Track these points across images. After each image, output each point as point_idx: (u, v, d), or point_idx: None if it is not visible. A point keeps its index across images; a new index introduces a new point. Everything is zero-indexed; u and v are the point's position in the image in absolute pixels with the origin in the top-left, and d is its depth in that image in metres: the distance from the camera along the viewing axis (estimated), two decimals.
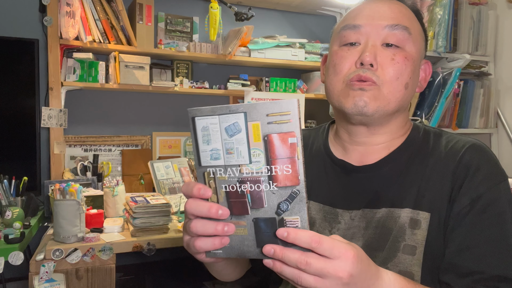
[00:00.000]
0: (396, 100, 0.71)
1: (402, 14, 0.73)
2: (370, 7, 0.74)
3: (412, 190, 0.70)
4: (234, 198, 0.53)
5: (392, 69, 0.70)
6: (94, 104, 2.07)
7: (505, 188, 0.68)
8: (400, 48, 0.71)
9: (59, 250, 1.34)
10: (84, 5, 1.84)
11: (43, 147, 1.91)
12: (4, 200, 1.55)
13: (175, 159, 2.07)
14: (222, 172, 0.53)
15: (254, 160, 0.51)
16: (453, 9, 2.27)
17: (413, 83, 0.73)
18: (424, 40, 0.77)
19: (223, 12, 2.07)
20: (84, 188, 1.65)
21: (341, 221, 0.74)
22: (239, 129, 0.50)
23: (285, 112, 0.48)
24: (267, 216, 0.52)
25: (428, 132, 0.77)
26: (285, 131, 0.48)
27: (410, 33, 0.71)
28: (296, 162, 0.49)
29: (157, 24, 2.13)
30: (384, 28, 0.71)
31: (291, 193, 0.50)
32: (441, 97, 2.20)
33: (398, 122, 0.76)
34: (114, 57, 1.91)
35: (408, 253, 0.67)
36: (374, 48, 0.70)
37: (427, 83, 0.79)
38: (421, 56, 0.76)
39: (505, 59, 2.37)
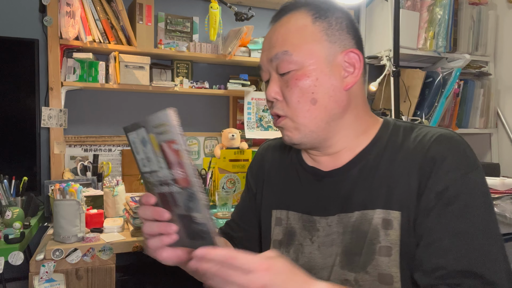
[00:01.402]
0: (312, 120, 0.71)
1: (283, 36, 0.72)
2: (264, 41, 0.76)
3: (382, 190, 0.69)
4: (163, 198, 0.60)
5: (290, 97, 0.70)
6: (94, 104, 2.07)
7: (475, 178, 0.64)
8: (290, 71, 0.70)
9: (59, 250, 1.34)
10: (84, 5, 1.84)
11: (43, 147, 1.91)
12: (4, 200, 1.55)
13: None
14: (149, 177, 0.60)
15: (161, 166, 0.56)
16: (453, 9, 2.27)
17: (324, 92, 0.70)
18: (325, 38, 0.71)
19: (223, 12, 2.07)
20: (84, 188, 1.65)
21: (319, 228, 0.75)
22: (146, 140, 0.57)
23: (163, 123, 0.53)
24: (183, 213, 0.57)
25: (398, 127, 0.75)
26: (169, 140, 0.53)
27: (292, 54, 0.70)
28: (184, 166, 0.53)
29: (157, 24, 2.13)
30: (271, 61, 0.72)
31: (189, 193, 0.55)
32: (441, 97, 2.21)
33: (348, 125, 0.74)
34: (114, 57, 1.91)
35: (385, 254, 0.66)
36: (273, 82, 0.73)
37: (360, 70, 0.73)
38: (327, 57, 0.71)
39: (505, 59, 2.37)
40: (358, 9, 2.48)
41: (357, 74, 0.73)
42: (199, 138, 2.29)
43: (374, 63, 2.38)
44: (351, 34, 0.74)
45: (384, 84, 2.26)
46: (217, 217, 1.73)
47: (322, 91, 0.70)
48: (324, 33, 0.72)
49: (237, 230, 0.93)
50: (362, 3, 2.41)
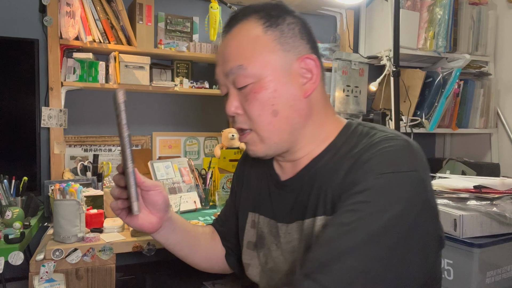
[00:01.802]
0: (275, 132, 0.70)
1: (235, 49, 0.70)
2: (217, 55, 0.75)
3: (325, 197, 0.68)
4: None
5: (251, 110, 0.70)
6: (94, 104, 2.07)
7: (391, 180, 0.59)
8: (247, 85, 0.69)
9: (59, 250, 1.34)
10: (84, 5, 1.84)
11: (43, 147, 1.91)
12: (4, 200, 1.55)
13: (175, 159, 2.07)
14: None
15: None
16: (453, 9, 2.27)
17: (284, 103, 0.69)
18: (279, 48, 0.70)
19: (223, 12, 2.07)
20: (84, 188, 1.65)
21: (281, 234, 0.76)
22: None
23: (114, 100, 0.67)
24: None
25: (354, 133, 0.72)
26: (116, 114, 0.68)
27: (247, 68, 0.68)
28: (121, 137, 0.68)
29: (157, 24, 2.13)
30: (228, 75, 0.71)
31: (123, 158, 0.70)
32: (441, 97, 2.20)
33: (308, 133, 0.73)
34: (114, 57, 1.91)
35: None
36: (232, 97, 0.72)
37: (318, 76, 0.72)
38: (283, 67, 0.69)
39: (505, 59, 2.37)
40: (358, 9, 2.48)
41: (316, 80, 0.72)
42: (199, 138, 2.29)
43: (374, 63, 2.38)
44: (305, 40, 0.72)
45: (384, 84, 2.26)
46: None
47: (282, 101, 0.69)
48: (277, 42, 0.70)
49: (222, 225, 0.98)
50: (362, 3, 2.41)
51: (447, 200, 1.25)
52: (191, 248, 0.89)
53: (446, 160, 2.38)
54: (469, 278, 1.13)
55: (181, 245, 0.86)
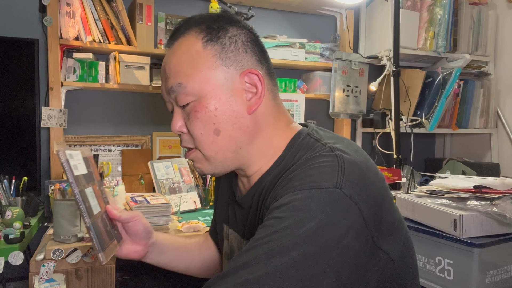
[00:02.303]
0: (218, 151, 0.67)
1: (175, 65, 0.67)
2: (161, 70, 0.73)
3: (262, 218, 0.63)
4: None
5: (193, 129, 0.67)
6: (94, 104, 2.07)
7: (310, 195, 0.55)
8: (189, 103, 0.67)
9: (59, 250, 1.34)
10: (84, 5, 1.84)
11: (43, 147, 1.91)
12: (4, 200, 1.55)
13: (175, 159, 2.07)
14: None
15: None
16: (453, 9, 2.27)
17: (226, 121, 0.66)
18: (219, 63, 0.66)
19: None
20: None
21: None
22: None
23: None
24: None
25: (300, 145, 0.67)
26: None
27: (186, 86, 0.66)
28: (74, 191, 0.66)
29: (157, 24, 2.13)
30: (168, 94, 0.69)
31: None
32: (441, 97, 2.21)
33: (256, 150, 0.70)
34: (114, 57, 1.91)
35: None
36: (176, 116, 0.70)
37: (263, 89, 0.68)
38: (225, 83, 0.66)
39: (505, 59, 2.37)
40: (358, 9, 2.48)
41: (261, 95, 0.68)
42: None
43: (374, 63, 2.38)
44: (249, 52, 0.68)
45: (384, 84, 2.26)
46: None
47: (224, 120, 0.66)
48: (217, 57, 0.66)
49: (213, 232, 0.99)
50: (362, 3, 2.41)
51: (447, 200, 1.25)
52: (185, 263, 0.90)
53: (446, 160, 2.38)
54: (469, 278, 1.13)
55: (174, 263, 0.87)
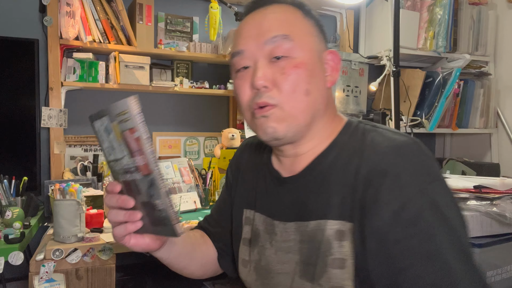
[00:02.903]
0: (302, 111, 0.68)
1: (279, 21, 0.69)
2: (248, 27, 0.71)
3: (336, 199, 0.66)
4: (127, 186, 0.62)
5: (286, 84, 0.66)
6: (94, 104, 2.07)
7: (434, 191, 0.59)
8: (288, 58, 0.67)
9: (59, 250, 1.34)
10: (84, 5, 1.84)
11: (43, 147, 1.91)
12: (4, 200, 1.55)
13: (175, 159, 2.07)
14: (114, 165, 0.62)
15: (124, 154, 0.58)
16: (453, 9, 2.27)
17: (315, 85, 0.69)
18: (317, 34, 0.72)
19: (223, 12, 2.07)
20: (84, 188, 1.65)
21: (277, 233, 0.74)
22: (110, 128, 0.58)
23: (123, 111, 0.54)
24: (146, 200, 0.60)
25: (356, 130, 0.71)
26: (130, 127, 0.54)
27: (293, 39, 0.67)
28: (145, 154, 0.55)
29: (157, 24, 2.13)
30: (264, 44, 0.68)
31: (150, 180, 0.57)
32: (441, 97, 2.21)
33: (320, 126, 0.72)
34: (114, 57, 1.91)
35: (338, 267, 0.63)
36: (263, 68, 0.67)
37: (338, 72, 0.74)
38: (318, 52, 0.71)
39: (505, 59, 2.37)
40: (358, 9, 2.48)
41: (336, 75, 0.74)
42: (199, 138, 2.29)
43: (374, 63, 2.38)
44: (325, 39, 0.75)
45: (384, 84, 2.26)
46: None
47: (315, 82, 0.69)
48: (315, 28, 0.72)
49: (214, 225, 0.94)
50: (362, 3, 2.41)
51: None
52: (190, 257, 0.85)
53: (446, 160, 2.38)
54: None
55: (181, 256, 0.81)
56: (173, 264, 0.81)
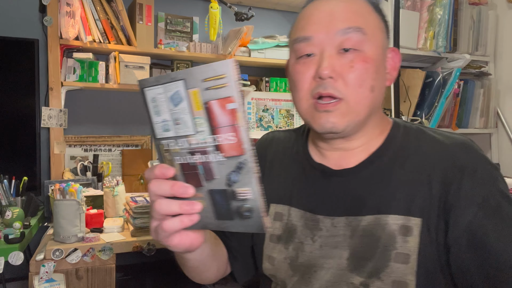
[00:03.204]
0: (365, 108, 0.67)
1: (353, 12, 0.67)
2: (318, 12, 0.68)
3: (399, 195, 0.66)
4: (188, 170, 0.52)
5: (352, 77, 0.65)
6: (94, 104, 2.07)
7: (503, 185, 0.64)
8: (357, 51, 0.65)
9: (59, 250, 1.34)
10: (84, 5, 1.84)
11: (43, 147, 1.91)
12: (4, 200, 1.55)
13: None
14: (174, 144, 0.51)
15: (199, 129, 0.48)
16: (453, 9, 2.27)
17: (379, 82, 0.68)
18: (384, 30, 0.71)
19: (223, 12, 2.07)
20: (84, 188, 1.65)
21: (322, 228, 0.71)
22: (181, 97, 0.48)
23: (220, 75, 0.44)
24: (220, 188, 0.50)
25: (409, 129, 0.73)
26: (223, 97, 0.45)
27: (365, 33, 0.66)
28: (238, 130, 0.46)
29: (157, 24, 2.13)
30: (336, 34, 0.65)
31: (238, 163, 0.47)
32: (441, 97, 2.21)
33: (374, 123, 0.72)
34: (114, 57, 1.91)
35: (401, 261, 0.64)
36: (330, 58, 0.65)
37: (397, 71, 0.74)
38: (384, 49, 0.70)
39: (505, 59, 2.37)
40: None
41: (395, 74, 0.73)
42: None
43: None
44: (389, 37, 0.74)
45: None
46: None
47: (379, 80, 0.68)
48: (383, 24, 0.71)
49: None
50: None
51: None
52: (213, 258, 0.77)
53: None
54: None
55: (209, 256, 0.73)
56: (199, 266, 0.73)
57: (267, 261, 0.77)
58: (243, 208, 0.49)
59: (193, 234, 0.56)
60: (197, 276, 0.79)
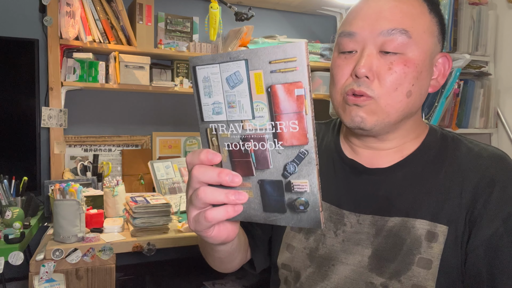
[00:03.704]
0: (397, 111, 0.66)
1: (402, 13, 0.65)
2: (367, 8, 0.67)
3: (429, 200, 0.66)
4: (238, 158, 0.48)
5: (389, 80, 0.64)
6: (94, 104, 2.07)
7: None
8: (399, 54, 0.64)
9: (59, 250, 1.34)
10: (84, 5, 1.85)
11: (43, 147, 1.91)
12: (4, 200, 1.55)
13: (175, 159, 2.07)
14: (224, 128, 0.48)
15: (258, 115, 0.45)
16: (453, 9, 2.27)
17: (419, 88, 0.66)
18: (436, 34, 0.68)
19: (223, 12, 2.07)
20: (84, 188, 1.65)
21: (347, 223, 0.71)
22: (241, 79, 0.44)
23: (290, 58, 0.41)
24: (273, 179, 0.47)
25: (446, 136, 0.72)
26: (291, 81, 0.42)
27: (410, 37, 0.64)
28: (303, 118, 0.43)
29: (157, 24, 2.13)
30: (380, 34, 0.64)
31: (298, 153, 0.44)
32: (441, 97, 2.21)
33: (409, 126, 0.71)
34: (114, 57, 1.91)
35: (423, 266, 0.64)
36: (370, 58, 0.64)
37: (445, 78, 0.71)
38: (432, 54, 0.68)
39: (505, 59, 2.37)
40: None
41: (442, 80, 0.71)
42: (199, 138, 2.29)
43: None
44: (444, 41, 0.71)
45: None
46: None
47: (419, 85, 0.66)
48: (436, 27, 0.68)
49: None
50: None
51: None
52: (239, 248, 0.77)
53: None
54: None
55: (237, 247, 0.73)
56: (227, 257, 0.73)
57: (286, 249, 0.77)
58: (298, 202, 0.46)
59: (231, 225, 0.55)
60: (221, 266, 0.80)
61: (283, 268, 0.78)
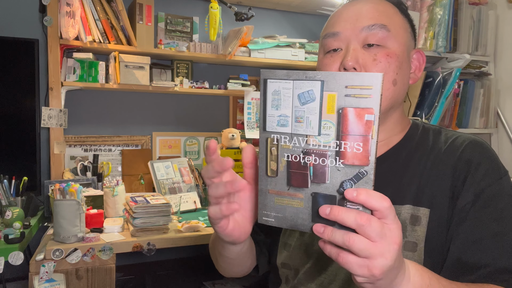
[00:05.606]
0: (386, 99, 0.71)
1: (379, 12, 0.73)
2: (347, 12, 0.74)
3: (412, 187, 0.70)
4: (296, 169, 0.51)
5: (375, 70, 0.69)
6: (94, 104, 2.07)
7: (506, 182, 0.68)
8: (381, 46, 0.70)
9: (59, 250, 1.34)
10: (84, 5, 1.84)
11: (43, 147, 1.91)
12: (4, 200, 1.55)
13: (175, 159, 2.07)
14: (287, 140, 0.51)
15: (324, 132, 0.48)
16: (453, 9, 2.27)
17: (402, 77, 0.73)
18: (409, 31, 0.76)
19: (223, 12, 2.07)
20: (84, 188, 1.65)
21: None
22: (313, 97, 0.48)
23: (366, 86, 0.45)
24: (327, 193, 0.49)
25: (427, 129, 0.78)
26: (363, 107, 0.45)
27: (389, 30, 0.71)
28: (369, 141, 0.46)
29: (157, 24, 2.13)
30: (361, 30, 0.71)
31: (357, 173, 0.47)
32: (441, 97, 2.20)
33: (394, 119, 0.76)
34: (114, 57, 1.91)
35: (409, 249, 0.67)
36: (355, 52, 0.70)
37: (421, 71, 0.80)
38: (408, 48, 0.75)
39: (505, 59, 2.37)
40: None
41: (419, 74, 0.78)
42: (199, 138, 2.29)
43: None
44: (415, 39, 0.79)
45: None
46: None
47: (402, 75, 0.73)
48: (408, 25, 0.76)
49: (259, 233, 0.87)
50: None
51: None
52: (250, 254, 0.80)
53: None
54: None
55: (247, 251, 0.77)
56: (236, 259, 0.76)
57: (283, 248, 0.80)
58: None
59: (244, 225, 0.61)
60: (231, 269, 0.83)
61: (283, 268, 0.80)
